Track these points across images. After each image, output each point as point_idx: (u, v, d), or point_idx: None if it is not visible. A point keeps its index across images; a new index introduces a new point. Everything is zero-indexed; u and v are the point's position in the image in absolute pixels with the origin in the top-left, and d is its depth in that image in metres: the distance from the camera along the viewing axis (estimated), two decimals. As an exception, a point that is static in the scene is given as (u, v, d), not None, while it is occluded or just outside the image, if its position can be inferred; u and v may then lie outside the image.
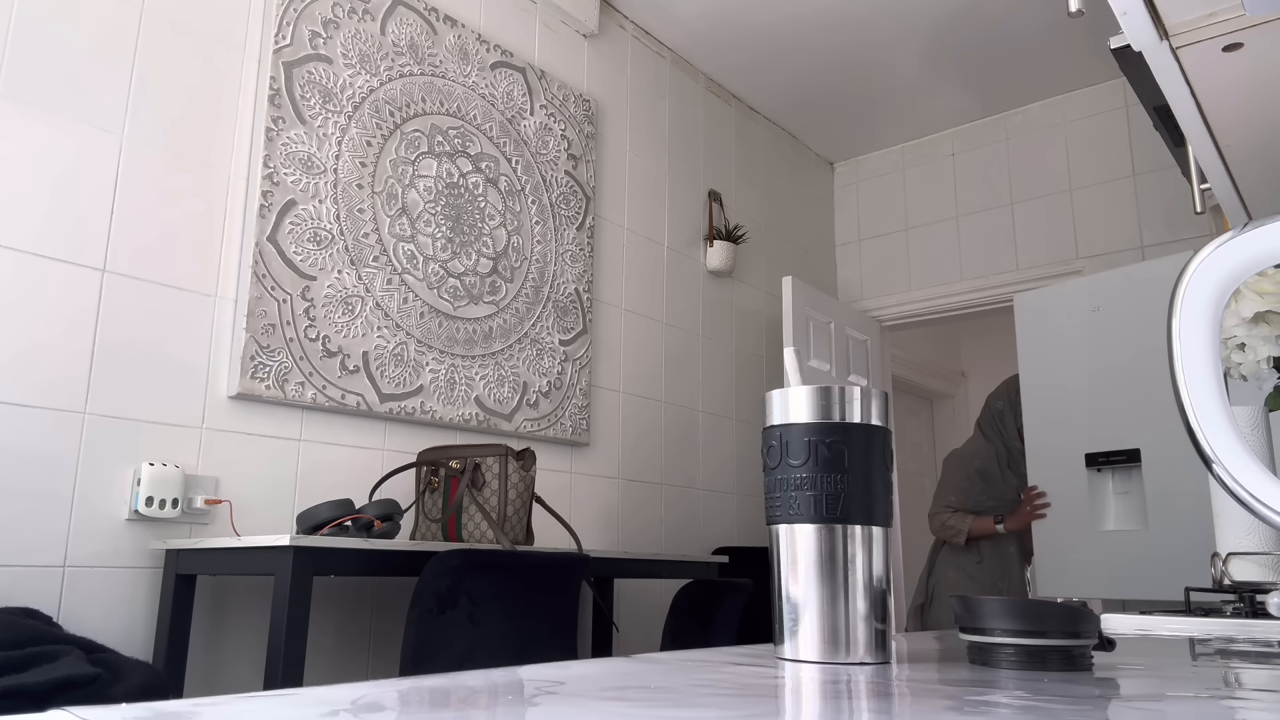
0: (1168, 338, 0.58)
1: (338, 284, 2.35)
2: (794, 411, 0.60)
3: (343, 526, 1.91)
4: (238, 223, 2.22)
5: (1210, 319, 0.57)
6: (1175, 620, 1.10)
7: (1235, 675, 0.57)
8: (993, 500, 3.30)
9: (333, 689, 0.42)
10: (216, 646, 2.08)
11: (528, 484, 2.22)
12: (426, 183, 2.62)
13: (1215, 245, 0.57)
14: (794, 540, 0.58)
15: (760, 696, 0.44)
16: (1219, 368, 0.56)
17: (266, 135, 2.25)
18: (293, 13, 2.36)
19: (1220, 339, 0.57)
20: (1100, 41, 3.57)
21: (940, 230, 4.31)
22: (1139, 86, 1.38)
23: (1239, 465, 0.55)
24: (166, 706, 0.35)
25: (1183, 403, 0.56)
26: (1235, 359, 1.48)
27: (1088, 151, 3.94)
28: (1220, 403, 0.56)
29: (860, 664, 0.55)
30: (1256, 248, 0.56)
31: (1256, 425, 1.46)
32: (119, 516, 1.95)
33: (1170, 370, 0.57)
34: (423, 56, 2.68)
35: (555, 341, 2.94)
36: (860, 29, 3.55)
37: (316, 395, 2.26)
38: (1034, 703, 0.40)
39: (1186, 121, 1.32)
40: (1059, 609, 0.54)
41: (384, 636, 2.39)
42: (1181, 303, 0.57)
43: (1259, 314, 1.44)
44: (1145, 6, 1.06)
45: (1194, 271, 0.57)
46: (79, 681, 1.44)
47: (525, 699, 0.41)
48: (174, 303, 2.09)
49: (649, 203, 3.52)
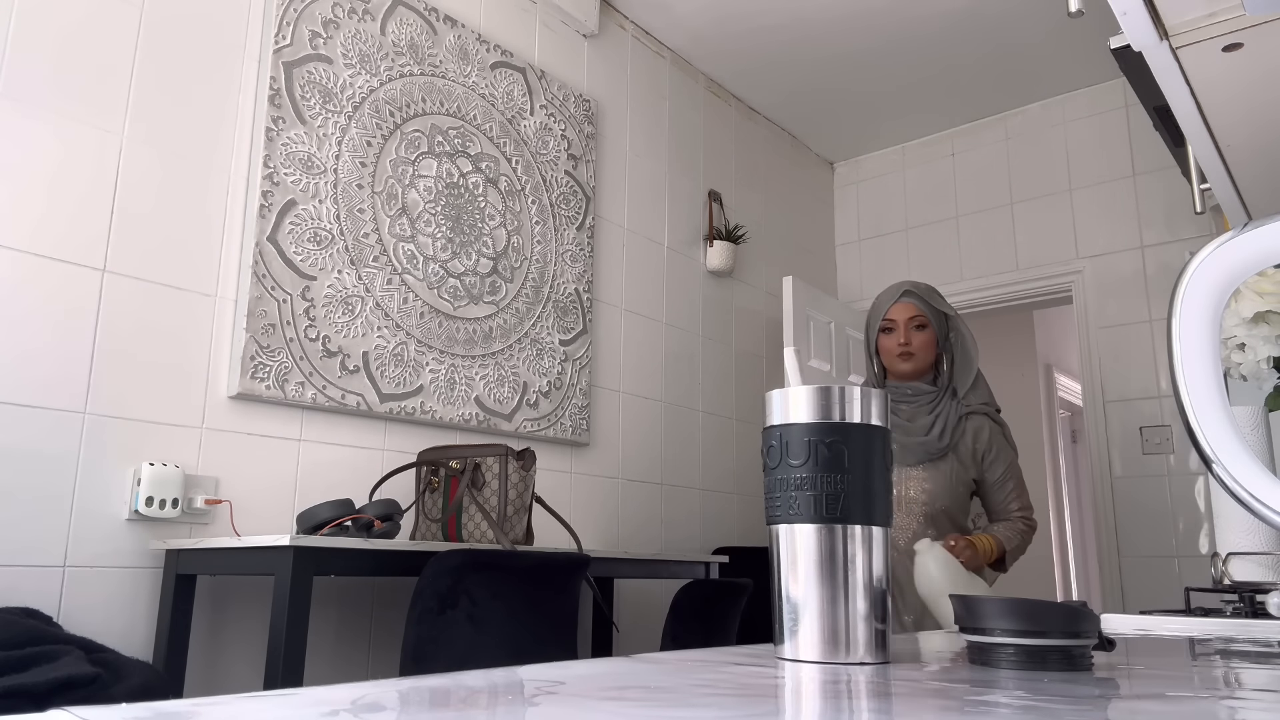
0: (1168, 338, 0.58)
1: (338, 284, 2.35)
2: (794, 411, 0.60)
3: (343, 526, 1.91)
4: (238, 223, 2.22)
5: (1210, 319, 0.57)
6: (1175, 620, 1.10)
7: (1235, 675, 0.57)
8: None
9: (333, 689, 0.42)
10: (216, 646, 2.08)
11: (528, 484, 2.22)
12: (426, 183, 2.62)
13: (1215, 245, 0.57)
14: (794, 540, 0.58)
15: (760, 696, 0.44)
16: (1219, 368, 0.56)
17: (266, 135, 2.25)
18: (293, 13, 2.36)
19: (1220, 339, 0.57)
20: (1100, 41, 3.57)
21: (940, 230, 4.31)
22: (1139, 86, 1.38)
23: (1239, 465, 0.55)
24: (166, 706, 0.35)
25: (1183, 403, 0.56)
26: (1235, 359, 1.48)
27: (1088, 151, 3.94)
28: (1220, 403, 0.56)
29: (860, 664, 0.55)
30: (1256, 248, 0.56)
31: (1256, 425, 1.47)
32: (119, 516, 1.95)
33: (1170, 370, 0.57)
34: (423, 56, 2.68)
35: (555, 341, 2.94)
36: (860, 29, 3.55)
37: (316, 395, 2.26)
38: (1034, 703, 0.40)
39: (1186, 121, 1.32)
40: (1059, 609, 0.54)
41: (384, 636, 2.39)
42: (1181, 303, 0.57)
43: (1259, 314, 1.44)
44: (1145, 6, 1.06)
45: (1194, 271, 0.57)
46: (79, 681, 1.44)
47: (525, 699, 0.41)
48: (174, 303, 2.09)
49: (649, 203, 3.52)
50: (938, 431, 2.11)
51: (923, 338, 2.17)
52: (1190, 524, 3.49)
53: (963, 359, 2.22)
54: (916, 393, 2.17)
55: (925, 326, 2.18)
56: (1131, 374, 3.68)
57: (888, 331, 2.19)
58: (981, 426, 2.15)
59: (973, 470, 2.14)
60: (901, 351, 2.16)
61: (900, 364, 2.17)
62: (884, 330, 2.20)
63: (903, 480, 2.11)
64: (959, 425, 2.14)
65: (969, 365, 2.21)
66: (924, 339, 2.17)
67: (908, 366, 2.16)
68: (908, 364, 2.16)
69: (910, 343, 2.15)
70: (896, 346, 2.17)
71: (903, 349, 2.16)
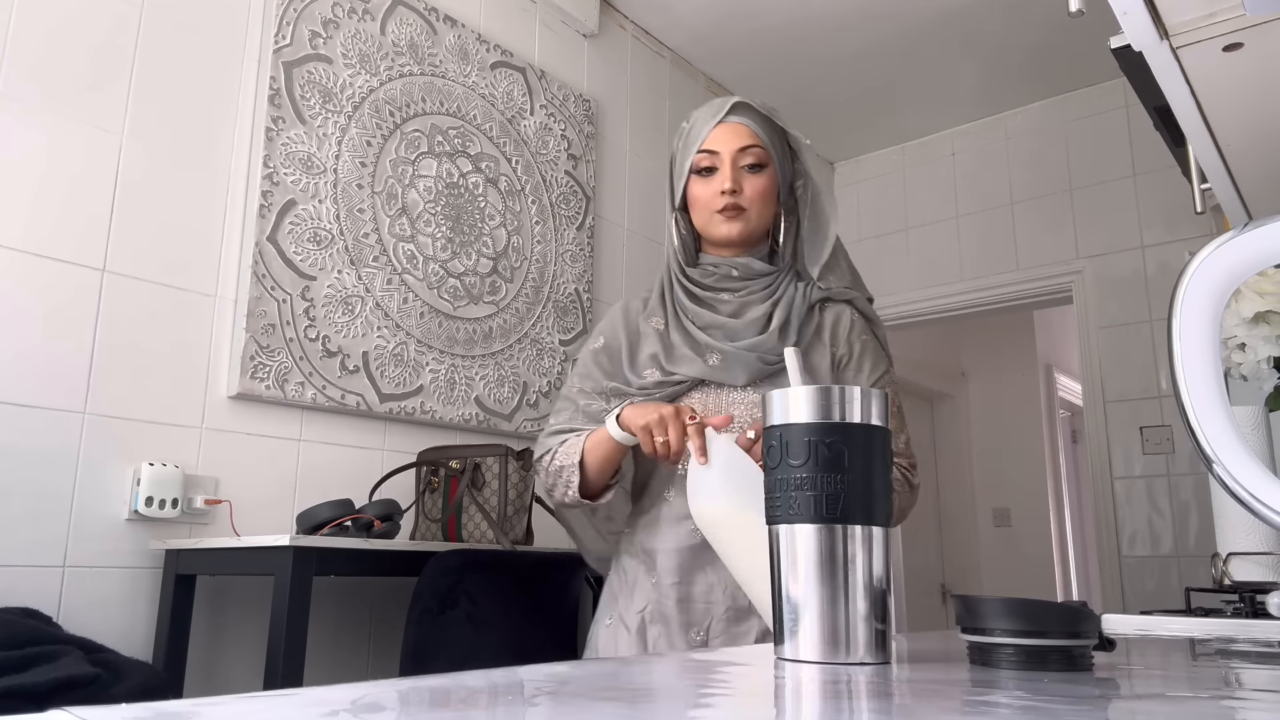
0: (1168, 338, 0.58)
1: (338, 284, 2.35)
2: (794, 411, 0.60)
3: (343, 526, 1.91)
4: (238, 223, 2.22)
5: (1210, 319, 0.57)
6: (1175, 620, 1.10)
7: (1235, 675, 0.57)
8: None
9: (333, 689, 0.42)
10: (216, 646, 2.08)
11: (528, 484, 2.22)
12: (426, 183, 2.62)
13: (1215, 245, 0.57)
14: (794, 540, 0.58)
15: (760, 696, 0.44)
16: (1219, 368, 0.56)
17: (266, 135, 2.25)
18: (293, 13, 2.36)
19: (1220, 339, 0.57)
20: (1100, 41, 3.56)
21: (940, 230, 4.31)
22: (1139, 86, 1.38)
23: (1239, 465, 0.55)
24: (166, 706, 0.35)
25: (1183, 403, 0.56)
26: (1235, 359, 1.48)
27: (1088, 151, 3.94)
28: (1220, 403, 0.56)
29: (860, 664, 0.55)
30: (1256, 248, 0.56)
31: (1256, 425, 1.47)
32: (119, 516, 1.94)
33: (1170, 370, 0.57)
34: (423, 56, 2.68)
35: (555, 341, 2.94)
36: (860, 29, 3.55)
37: (316, 395, 2.26)
38: (1034, 703, 0.40)
39: (1186, 121, 1.32)
40: (1059, 609, 0.54)
41: (384, 636, 2.39)
42: (1181, 303, 0.57)
43: (1259, 314, 1.44)
44: (1145, 6, 1.06)
45: (1194, 271, 0.57)
46: (79, 681, 1.44)
47: (525, 699, 0.41)
48: (174, 303, 2.09)
49: (649, 203, 3.52)
50: (776, 328, 1.38)
51: (759, 184, 1.41)
52: (1190, 524, 3.49)
53: (815, 221, 1.51)
54: (747, 273, 1.44)
55: (764, 166, 1.41)
56: (1131, 374, 3.68)
57: (705, 173, 1.42)
58: (841, 318, 1.46)
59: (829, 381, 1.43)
60: (727, 206, 1.39)
61: (722, 225, 1.41)
62: (700, 172, 1.42)
63: (724, 408, 1.36)
64: (809, 319, 1.43)
65: (822, 230, 1.51)
66: (761, 186, 1.41)
67: (734, 230, 1.40)
68: (735, 226, 1.40)
69: (741, 190, 1.40)
70: (719, 197, 1.40)
71: (729, 201, 1.39)
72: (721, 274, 1.44)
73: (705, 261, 1.47)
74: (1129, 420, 3.65)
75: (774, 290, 1.44)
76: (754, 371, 1.36)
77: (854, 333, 1.46)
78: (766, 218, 1.44)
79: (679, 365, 1.39)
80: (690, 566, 1.36)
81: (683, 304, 1.45)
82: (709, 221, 1.42)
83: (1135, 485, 3.62)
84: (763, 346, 1.37)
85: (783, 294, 1.43)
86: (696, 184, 1.43)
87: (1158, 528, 3.55)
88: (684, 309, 1.44)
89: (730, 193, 1.39)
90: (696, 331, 1.41)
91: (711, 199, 1.41)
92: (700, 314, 1.43)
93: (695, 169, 1.42)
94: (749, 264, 1.44)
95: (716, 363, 1.37)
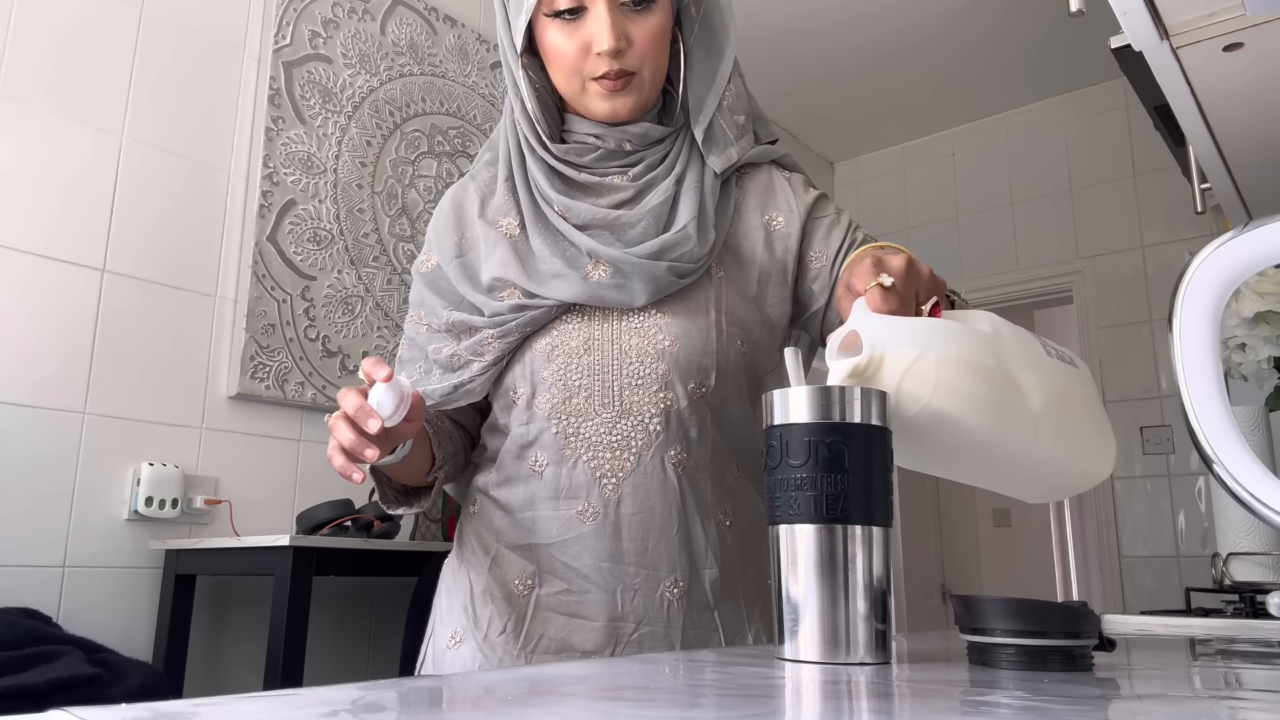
0: (1169, 338, 0.58)
1: (338, 284, 2.35)
2: (794, 411, 0.60)
3: (343, 526, 1.91)
4: (238, 223, 2.22)
5: (1210, 319, 0.57)
6: (1176, 620, 1.10)
7: (1236, 675, 0.57)
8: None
9: (333, 689, 0.42)
10: (216, 646, 2.08)
11: (528, 484, 2.22)
12: (426, 183, 2.62)
13: (1215, 245, 0.57)
14: (794, 540, 0.58)
15: (760, 696, 0.44)
16: (1219, 368, 0.56)
17: (266, 135, 2.25)
18: (293, 13, 2.36)
19: (1220, 339, 0.57)
20: (1100, 41, 3.56)
21: (940, 230, 4.31)
22: (1139, 86, 1.38)
23: (1239, 465, 0.55)
24: (166, 706, 0.35)
25: (1183, 403, 0.56)
26: (1235, 359, 1.48)
27: (1088, 151, 3.94)
28: (1220, 403, 0.56)
29: (860, 664, 0.55)
30: (1256, 248, 0.56)
31: (1256, 425, 1.47)
32: (119, 516, 1.94)
33: (1171, 370, 0.57)
34: (423, 56, 2.68)
35: (555, 341, 2.94)
36: (860, 29, 3.55)
37: (316, 395, 2.26)
38: (1034, 703, 0.40)
39: (1187, 121, 1.33)
40: (1059, 609, 0.54)
41: (384, 636, 2.39)
42: (1181, 303, 0.57)
43: (1259, 314, 1.45)
44: (1145, 6, 1.06)
45: (1194, 271, 0.57)
46: (79, 681, 1.44)
47: (525, 699, 0.41)
48: (174, 303, 2.09)
49: (649, 203, 3.51)
50: (691, 221, 0.94)
51: (650, 26, 0.93)
52: (1190, 524, 3.49)
53: (710, 46, 1.00)
54: (642, 143, 0.98)
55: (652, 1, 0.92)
56: (1131, 374, 3.68)
57: (568, 16, 0.91)
58: (771, 186, 1.03)
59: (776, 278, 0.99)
60: (609, 72, 0.92)
61: (603, 102, 0.95)
62: (559, 14, 0.92)
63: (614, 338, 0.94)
64: (725, 199, 1.00)
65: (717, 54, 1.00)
66: (652, 28, 0.93)
67: (624, 105, 0.95)
68: (625, 100, 0.95)
69: (629, 43, 0.92)
70: (595, 60, 0.92)
71: (613, 66, 0.92)
72: (608, 149, 0.97)
73: (578, 130, 0.99)
74: (1129, 420, 3.65)
75: (672, 164, 0.98)
76: (661, 285, 0.93)
77: (796, 198, 1.02)
78: (661, 72, 0.97)
79: (546, 286, 0.95)
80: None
81: (545, 194, 0.98)
82: (581, 93, 0.95)
83: (1135, 485, 3.62)
84: (676, 250, 0.93)
85: (685, 167, 0.98)
86: (552, 30, 0.93)
87: (1158, 528, 3.55)
88: (549, 200, 0.98)
89: (614, 53, 0.91)
90: (574, 232, 0.96)
91: (580, 59, 0.93)
92: (575, 207, 0.96)
93: (550, 9, 0.92)
94: (647, 131, 0.98)
95: (605, 277, 0.93)
